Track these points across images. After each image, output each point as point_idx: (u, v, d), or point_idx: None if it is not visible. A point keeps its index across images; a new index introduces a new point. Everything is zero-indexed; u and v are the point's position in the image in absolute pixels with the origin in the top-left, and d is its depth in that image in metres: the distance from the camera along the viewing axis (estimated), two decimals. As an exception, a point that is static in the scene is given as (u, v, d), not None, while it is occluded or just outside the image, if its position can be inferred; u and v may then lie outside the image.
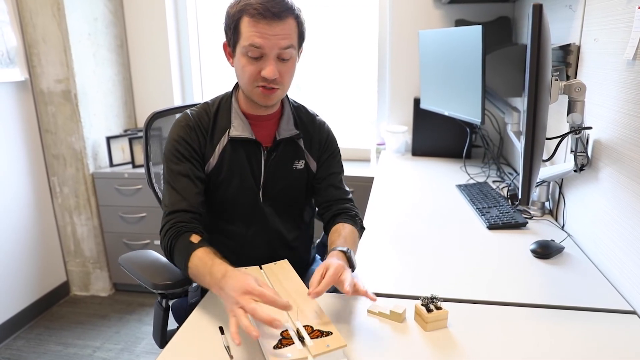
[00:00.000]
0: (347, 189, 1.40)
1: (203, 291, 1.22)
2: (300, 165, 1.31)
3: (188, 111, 1.26)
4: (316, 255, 1.56)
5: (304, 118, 1.33)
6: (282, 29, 1.10)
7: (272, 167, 1.26)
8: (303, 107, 1.36)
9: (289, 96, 1.32)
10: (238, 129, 1.22)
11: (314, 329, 0.89)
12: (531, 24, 1.00)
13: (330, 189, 1.34)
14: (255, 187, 1.26)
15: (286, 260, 1.18)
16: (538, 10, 0.98)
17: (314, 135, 1.33)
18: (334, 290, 1.34)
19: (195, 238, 1.10)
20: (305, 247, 1.43)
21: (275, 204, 1.30)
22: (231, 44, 1.17)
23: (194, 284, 1.25)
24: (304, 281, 1.09)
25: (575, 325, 0.98)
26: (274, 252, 1.31)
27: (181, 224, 1.14)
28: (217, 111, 1.25)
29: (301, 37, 1.18)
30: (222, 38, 1.20)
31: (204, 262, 1.03)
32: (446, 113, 1.97)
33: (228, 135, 1.22)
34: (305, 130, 1.32)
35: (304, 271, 1.43)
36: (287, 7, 1.10)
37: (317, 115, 1.37)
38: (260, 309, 0.83)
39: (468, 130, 2.25)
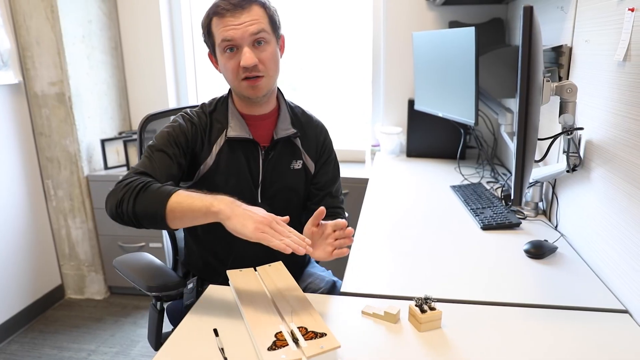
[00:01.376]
0: (341, 196, 1.43)
1: (198, 293, 1.22)
2: (297, 165, 1.32)
3: (187, 110, 1.28)
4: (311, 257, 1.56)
5: (301, 118, 1.35)
6: (247, 15, 1.13)
7: (270, 167, 1.28)
8: (299, 107, 1.38)
9: (285, 97, 1.33)
10: (235, 129, 1.23)
11: (308, 330, 0.89)
12: (522, 26, 1.01)
13: (327, 198, 1.38)
14: (253, 186, 1.27)
15: (280, 262, 1.18)
16: (529, 12, 0.99)
17: (311, 136, 1.35)
18: (328, 292, 1.35)
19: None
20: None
21: (273, 203, 1.30)
22: (212, 51, 1.22)
23: (189, 286, 1.25)
24: (298, 283, 1.09)
25: (568, 324, 0.99)
26: (271, 252, 1.30)
27: (149, 179, 1.08)
28: (214, 112, 1.27)
29: (273, 23, 1.19)
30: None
31: (192, 194, 1.00)
32: (440, 114, 1.98)
33: (225, 135, 1.23)
34: (303, 130, 1.33)
35: (299, 273, 1.44)
36: None
37: (313, 116, 1.39)
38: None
39: (462, 131, 2.26)
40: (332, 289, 1.36)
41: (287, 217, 0.98)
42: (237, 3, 1.12)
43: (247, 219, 0.93)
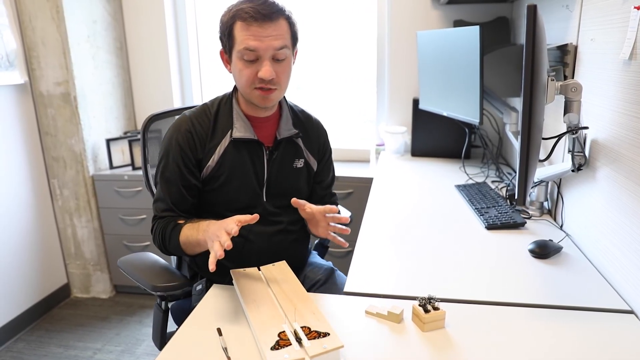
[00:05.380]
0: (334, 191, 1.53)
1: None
2: (300, 164, 1.35)
3: (187, 113, 1.28)
4: (313, 251, 1.58)
5: (301, 117, 1.38)
6: (274, 29, 1.14)
7: (274, 166, 1.30)
8: (298, 107, 1.41)
9: (285, 97, 1.35)
10: (240, 130, 1.25)
11: (312, 330, 0.89)
12: (525, 25, 1.00)
13: (326, 197, 1.46)
14: (258, 186, 1.29)
15: (284, 261, 1.18)
16: (532, 11, 0.99)
17: (312, 135, 1.39)
18: (327, 279, 1.37)
19: (180, 221, 1.24)
20: (304, 246, 1.45)
21: (278, 202, 1.33)
22: (227, 51, 1.21)
23: (198, 288, 1.25)
24: (301, 282, 1.09)
25: (573, 325, 0.98)
26: (275, 250, 1.31)
27: (167, 219, 1.26)
28: (217, 113, 1.28)
29: (294, 38, 1.22)
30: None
31: (190, 228, 1.18)
32: (445, 113, 1.97)
33: (230, 136, 1.25)
34: (304, 129, 1.36)
35: (301, 270, 1.44)
36: (277, 8, 1.15)
37: (312, 115, 1.43)
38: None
39: (467, 130, 2.26)
40: (331, 275, 1.38)
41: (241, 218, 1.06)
42: (267, 14, 1.12)
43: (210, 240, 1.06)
